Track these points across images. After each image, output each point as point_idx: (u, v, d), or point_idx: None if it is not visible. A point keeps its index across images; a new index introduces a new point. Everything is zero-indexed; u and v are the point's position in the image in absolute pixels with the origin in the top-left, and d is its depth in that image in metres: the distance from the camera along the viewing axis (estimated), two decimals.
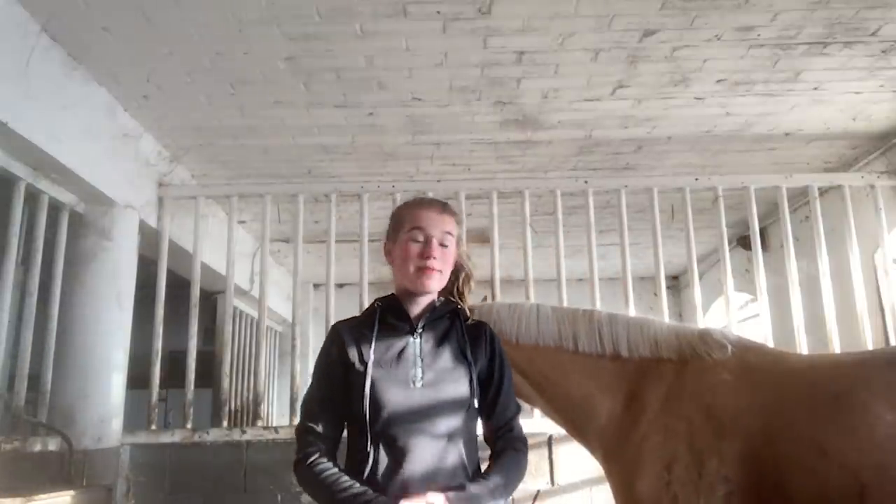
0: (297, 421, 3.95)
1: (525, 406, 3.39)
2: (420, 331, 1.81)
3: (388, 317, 1.82)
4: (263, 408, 4.82)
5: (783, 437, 2.03)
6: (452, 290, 1.95)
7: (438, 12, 3.01)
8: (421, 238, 1.81)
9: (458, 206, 4.25)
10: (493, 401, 1.86)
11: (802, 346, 4.14)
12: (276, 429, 3.90)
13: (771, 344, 4.06)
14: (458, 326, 1.87)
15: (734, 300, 4.34)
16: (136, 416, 4.23)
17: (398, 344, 1.78)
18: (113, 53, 3.28)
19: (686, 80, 3.67)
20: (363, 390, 1.70)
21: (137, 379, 4.44)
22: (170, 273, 4.25)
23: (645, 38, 3.26)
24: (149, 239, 4.20)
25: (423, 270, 1.78)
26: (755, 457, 2.06)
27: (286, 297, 7.05)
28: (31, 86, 2.98)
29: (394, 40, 3.23)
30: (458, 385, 1.77)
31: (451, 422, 1.74)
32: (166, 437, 3.82)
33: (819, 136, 4.46)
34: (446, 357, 1.80)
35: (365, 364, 1.73)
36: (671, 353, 2.36)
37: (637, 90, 3.78)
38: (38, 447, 3.23)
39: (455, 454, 1.73)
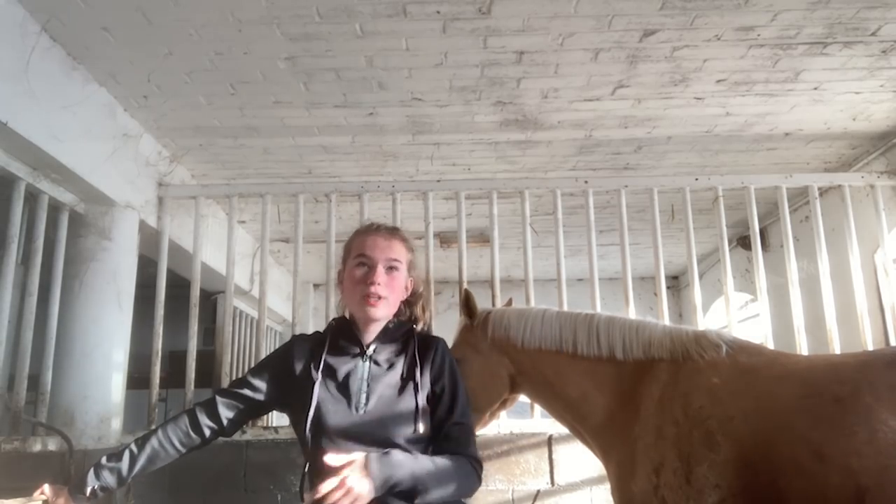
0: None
1: (525, 405, 3.41)
2: (370, 354, 1.80)
3: (339, 339, 1.83)
4: None
5: (778, 440, 2.01)
6: (410, 315, 1.96)
7: (438, 12, 3.01)
8: (367, 265, 1.82)
9: (458, 205, 4.26)
10: (443, 417, 1.82)
11: (802, 346, 4.14)
12: (276, 429, 3.89)
13: (771, 344, 4.06)
14: (411, 349, 1.84)
15: (734, 300, 4.34)
16: (136, 416, 4.23)
17: (346, 367, 1.78)
18: (113, 53, 3.28)
19: (686, 80, 3.67)
20: (308, 411, 1.71)
21: (137, 379, 4.45)
22: (170, 273, 4.25)
23: (645, 38, 3.26)
24: (149, 239, 4.20)
25: (366, 297, 1.79)
26: (747, 461, 2.04)
27: (286, 297, 7.06)
28: (31, 86, 2.98)
29: (394, 40, 3.23)
30: (402, 411, 1.74)
31: (392, 446, 1.71)
32: None
33: (819, 136, 4.46)
34: (394, 382, 1.78)
35: (312, 385, 1.74)
36: (664, 354, 2.37)
37: (637, 90, 3.78)
38: (38, 447, 3.23)
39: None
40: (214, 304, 5.98)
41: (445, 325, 3.16)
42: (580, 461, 3.67)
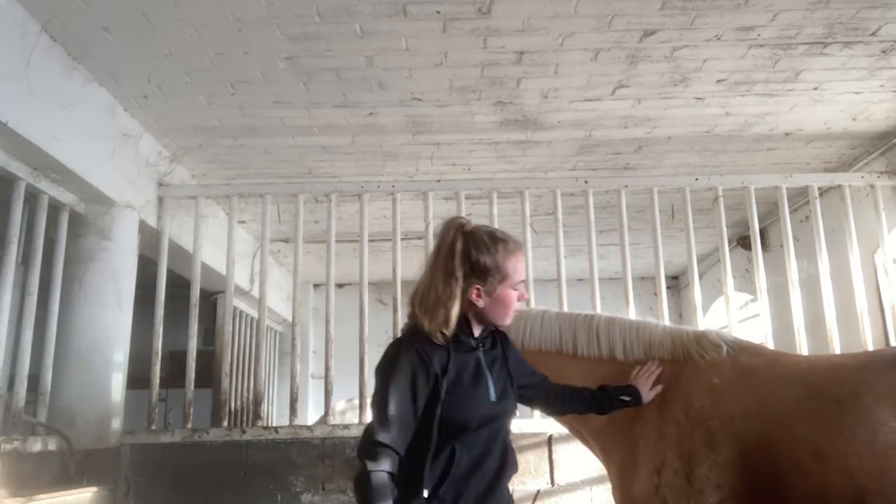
0: (299, 421, 3.97)
1: (525, 406, 3.41)
2: (481, 346, 1.97)
3: (459, 335, 1.93)
4: (263, 408, 4.82)
5: (779, 441, 2.01)
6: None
7: (438, 12, 3.01)
8: (521, 286, 1.98)
9: (458, 206, 4.26)
10: (539, 377, 2.20)
11: (802, 346, 4.14)
12: (276, 429, 3.89)
13: (771, 344, 4.06)
14: (499, 341, 2.05)
15: (734, 300, 4.34)
16: (136, 416, 4.23)
17: (471, 359, 1.93)
18: (113, 53, 3.28)
19: (686, 80, 3.67)
20: (458, 403, 1.84)
21: (137, 379, 4.45)
22: (170, 273, 4.25)
23: (645, 38, 3.26)
24: (149, 239, 4.20)
25: (515, 312, 2.00)
26: (749, 462, 2.04)
27: (286, 297, 7.05)
28: (31, 86, 2.98)
29: (394, 40, 3.23)
30: (512, 396, 1.99)
31: (507, 426, 1.98)
32: (166, 437, 3.82)
33: (819, 136, 4.46)
34: (501, 371, 1.98)
35: (455, 380, 1.87)
36: (665, 355, 2.37)
37: (637, 90, 3.78)
38: (38, 447, 3.23)
39: (511, 452, 1.96)
40: (214, 304, 5.97)
41: None
42: (580, 461, 3.67)
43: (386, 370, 1.84)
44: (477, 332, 1.96)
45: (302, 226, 4.31)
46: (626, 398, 2.25)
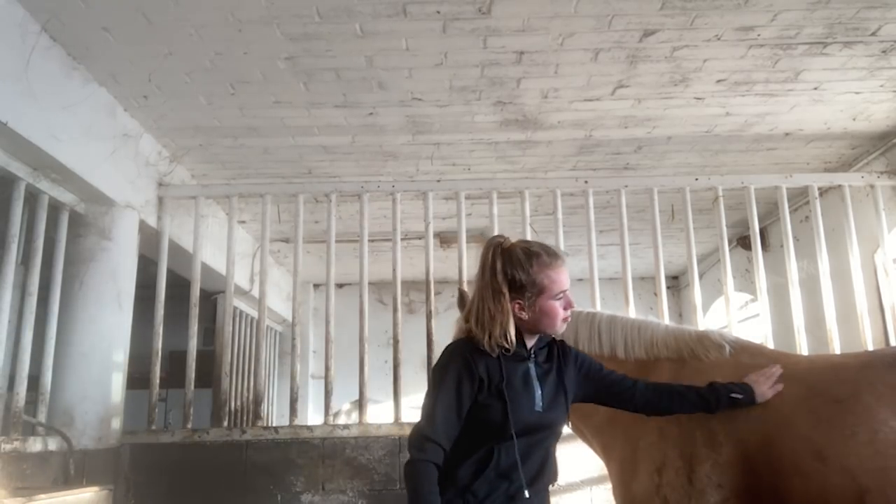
0: (299, 421, 3.97)
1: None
2: (534, 356, 2.04)
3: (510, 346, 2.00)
4: (263, 408, 4.82)
5: (780, 441, 2.02)
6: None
7: (438, 12, 3.01)
8: (563, 295, 2.04)
9: (458, 205, 4.26)
10: (614, 378, 2.18)
11: (802, 346, 4.14)
12: (276, 429, 3.89)
13: (771, 344, 4.06)
14: (556, 353, 2.10)
15: (734, 300, 4.34)
16: (136, 416, 4.23)
17: (521, 369, 2.01)
18: (113, 53, 3.28)
19: (686, 80, 3.67)
20: (501, 408, 1.93)
21: (137, 379, 4.45)
22: (170, 273, 4.25)
23: (645, 38, 3.26)
24: (149, 239, 4.20)
25: (565, 320, 2.06)
26: (750, 462, 2.04)
27: (286, 297, 7.05)
28: (31, 86, 2.98)
29: (394, 40, 3.23)
30: (562, 407, 2.05)
31: (554, 436, 2.05)
32: (166, 437, 3.82)
33: (819, 136, 4.46)
34: (553, 382, 2.05)
35: (501, 386, 1.95)
36: (667, 353, 2.38)
37: (637, 90, 3.78)
38: (38, 447, 3.23)
39: (552, 461, 2.04)
40: (214, 304, 5.97)
41: (445, 325, 3.16)
42: (580, 461, 3.67)
43: (436, 373, 2.01)
44: (530, 342, 2.04)
45: (302, 226, 4.31)
46: (739, 396, 2.14)
